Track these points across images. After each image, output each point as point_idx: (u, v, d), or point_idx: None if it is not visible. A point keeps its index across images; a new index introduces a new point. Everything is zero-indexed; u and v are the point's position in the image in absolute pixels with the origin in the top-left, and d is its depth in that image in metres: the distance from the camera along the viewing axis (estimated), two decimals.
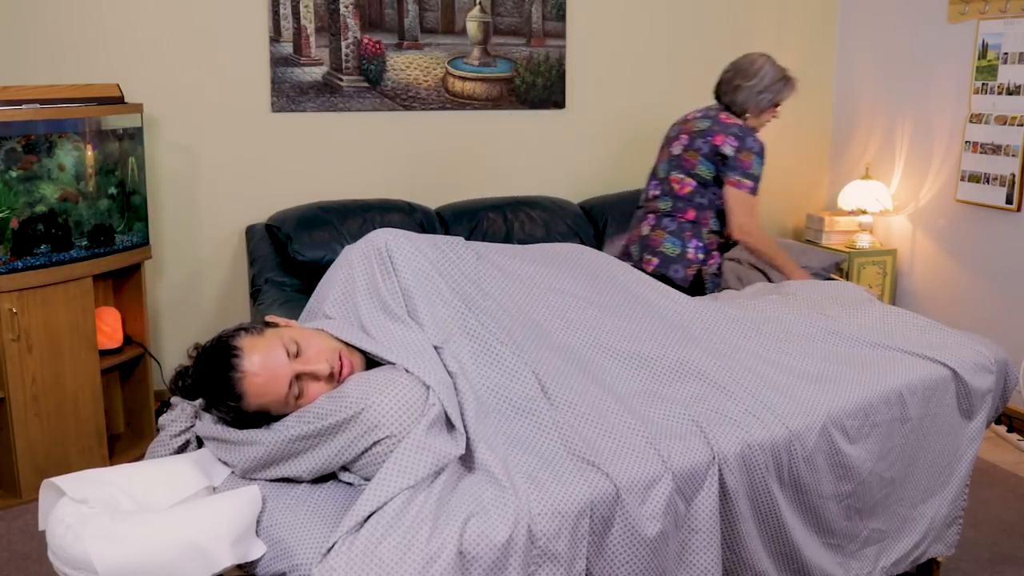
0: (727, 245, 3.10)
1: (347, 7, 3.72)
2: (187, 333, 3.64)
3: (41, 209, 2.87)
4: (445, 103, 3.93)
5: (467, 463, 1.62)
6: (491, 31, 3.95)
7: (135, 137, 3.16)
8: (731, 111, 3.02)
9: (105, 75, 3.40)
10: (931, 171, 4.05)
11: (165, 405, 1.89)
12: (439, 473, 1.54)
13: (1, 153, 2.75)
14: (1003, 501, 2.99)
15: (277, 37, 3.65)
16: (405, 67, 3.84)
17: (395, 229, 1.97)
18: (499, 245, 2.21)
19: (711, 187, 2.98)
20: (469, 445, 1.63)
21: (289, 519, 1.55)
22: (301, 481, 1.64)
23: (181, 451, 1.79)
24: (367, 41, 3.77)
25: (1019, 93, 3.57)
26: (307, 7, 3.66)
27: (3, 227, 2.78)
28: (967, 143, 3.80)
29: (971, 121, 3.78)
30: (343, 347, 1.73)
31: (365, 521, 1.46)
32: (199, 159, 3.65)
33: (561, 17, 4.04)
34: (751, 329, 2.19)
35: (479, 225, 3.79)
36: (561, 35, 4.05)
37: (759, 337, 2.17)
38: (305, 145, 3.78)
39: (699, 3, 4.27)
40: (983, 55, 3.71)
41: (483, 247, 2.10)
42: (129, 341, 3.27)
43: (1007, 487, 3.10)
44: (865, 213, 4.19)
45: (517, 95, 4.03)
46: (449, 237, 2.03)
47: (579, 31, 4.10)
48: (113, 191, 3.09)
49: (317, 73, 3.73)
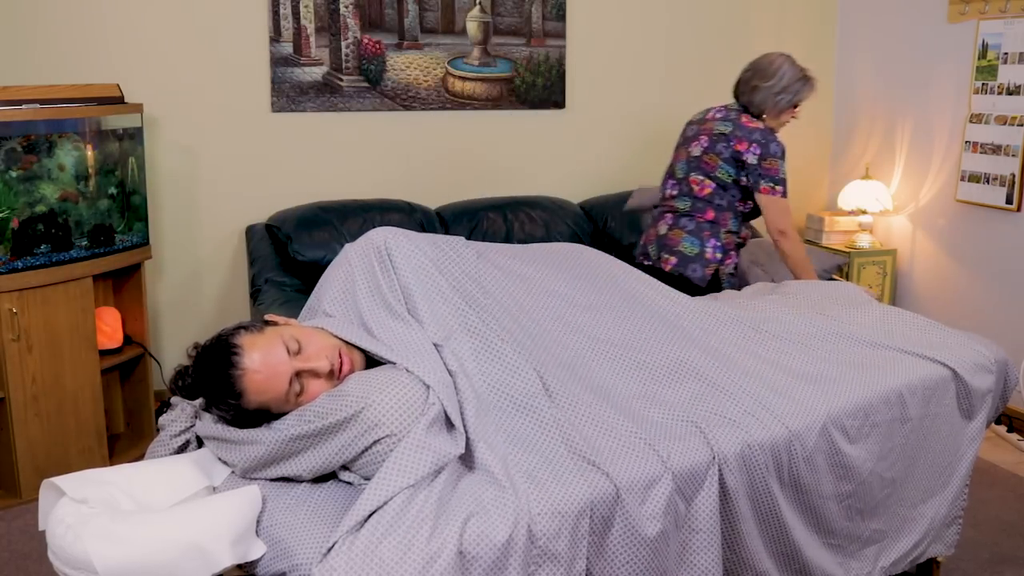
0: (744, 244, 3.11)
1: (347, 7, 3.72)
2: (187, 333, 3.64)
3: (41, 209, 2.87)
4: (445, 103, 3.93)
5: (467, 462, 1.62)
6: (491, 31, 3.95)
7: (135, 137, 3.16)
8: (749, 112, 3.01)
9: (105, 75, 3.40)
10: (931, 171, 4.05)
11: (165, 405, 1.89)
12: (439, 472, 1.54)
13: (1, 153, 2.75)
14: (1003, 501, 2.99)
15: (277, 37, 3.65)
16: (405, 67, 3.84)
17: (394, 228, 1.97)
18: (498, 245, 2.21)
19: (731, 189, 2.97)
20: (469, 444, 1.63)
21: (289, 519, 1.55)
22: (301, 481, 1.64)
23: (181, 451, 1.79)
24: (367, 41, 3.77)
25: (1019, 93, 3.57)
26: (307, 7, 3.66)
27: (3, 227, 2.78)
28: (967, 143, 3.80)
29: (971, 121, 3.78)
30: (343, 345, 1.73)
31: (365, 521, 1.46)
32: (199, 159, 3.65)
33: (561, 17, 4.04)
34: (751, 329, 2.19)
35: (479, 225, 3.79)
36: (561, 35, 4.05)
37: (759, 337, 2.17)
38: (305, 145, 3.78)
39: (699, 3, 4.27)
40: (983, 55, 3.71)
41: (483, 247, 2.10)
42: (129, 341, 3.27)
43: (1007, 487, 3.10)
44: (865, 213, 4.19)
45: (517, 95, 4.03)
46: (449, 236, 2.03)
47: (579, 31, 4.10)
48: (113, 191, 3.09)
49: (317, 73, 3.73)
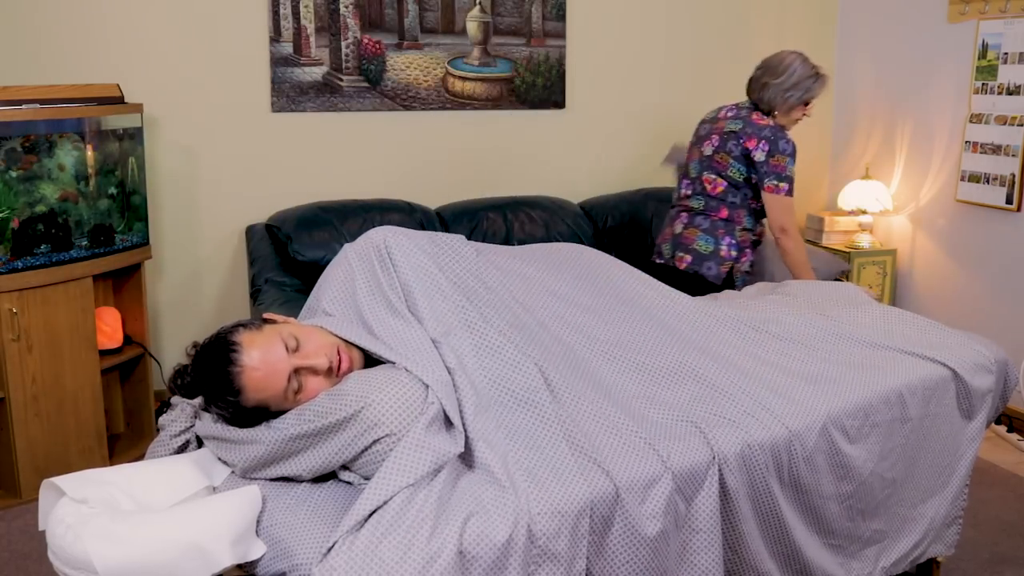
0: (760, 242, 3.11)
1: (347, 7, 3.72)
2: (187, 333, 3.64)
3: (41, 209, 2.87)
4: (445, 103, 3.93)
5: (467, 461, 1.62)
6: (491, 31, 3.95)
7: (135, 137, 3.16)
8: (760, 109, 3.01)
9: (105, 75, 3.40)
10: (931, 171, 4.05)
11: (165, 405, 1.89)
12: (438, 471, 1.54)
13: (1, 153, 2.75)
14: (1003, 501, 2.99)
15: (277, 37, 3.65)
16: (405, 67, 3.84)
17: (393, 227, 1.97)
18: (497, 246, 2.22)
19: (743, 187, 2.98)
20: (468, 443, 1.63)
21: (289, 519, 1.55)
22: (301, 480, 1.64)
23: (181, 451, 1.79)
24: (367, 41, 3.77)
25: (1019, 93, 3.57)
26: (307, 7, 3.66)
27: (3, 227, 2.78)
28: (967, 143, 3.80)
29: (971, 121, 3.78)
30: (341, 343, 1.73)
31: (365, 520, 1.46)
32: (199, 159, 3.65)
33: (561, 17, 4.04)
34: (750, 330, 2.19)
35: (479, 225, 3.79)
36: (561, 35, 4.05)
37: (758, 338, 2.17)
38: (305, 145, 3.78)
39: (699, 3, 4.27)
40: (983, 55, 3.71)
41: (482, 247, 2.11)
42: (129, 341, 3.27)
43: (1007, 487, 3.10)
44: (865, 213, 4.19)
45: (517, 95, 4.03)
46: (448, 234, 2.03)
47: (579, 31, 4.10)
48: (113, 191, 3.09)
49: (317, 73, 3.73)
